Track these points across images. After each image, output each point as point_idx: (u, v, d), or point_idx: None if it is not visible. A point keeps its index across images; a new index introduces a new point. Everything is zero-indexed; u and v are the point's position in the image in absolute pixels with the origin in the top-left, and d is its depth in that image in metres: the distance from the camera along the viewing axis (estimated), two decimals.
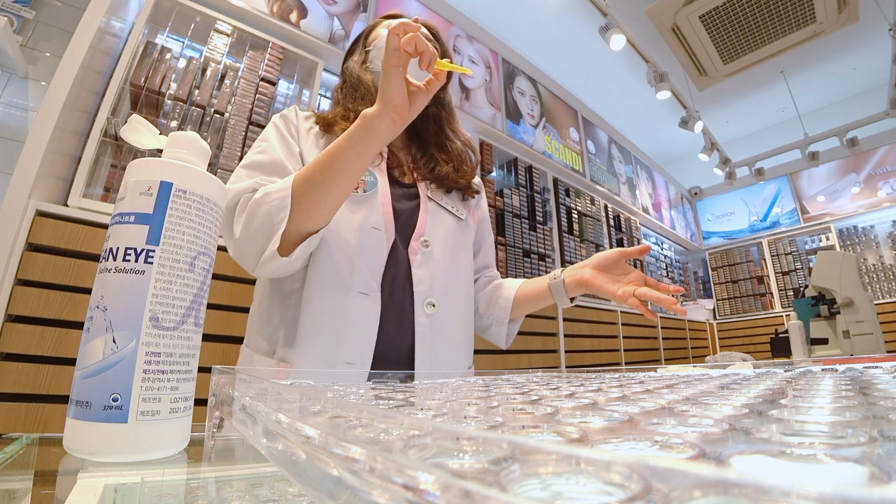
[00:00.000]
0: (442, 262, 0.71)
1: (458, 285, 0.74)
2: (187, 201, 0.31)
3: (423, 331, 0.66)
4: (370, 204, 0.68)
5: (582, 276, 0.71)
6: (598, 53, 3.49)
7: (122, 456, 0.26)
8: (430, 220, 0.73)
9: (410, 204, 0.73)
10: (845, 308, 2.03)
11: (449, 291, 0.71)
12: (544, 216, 3.12)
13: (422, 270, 0.69)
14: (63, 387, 1.10)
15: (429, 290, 0.68)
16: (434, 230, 0.72)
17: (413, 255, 0.69)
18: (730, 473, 0.07)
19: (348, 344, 0.61)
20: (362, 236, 0.65)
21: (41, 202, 1.17)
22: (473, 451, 0.12)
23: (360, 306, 0.63)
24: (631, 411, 0.21)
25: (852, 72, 4.28)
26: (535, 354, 2.48)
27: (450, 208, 0.77)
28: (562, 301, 0.75)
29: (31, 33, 1.59)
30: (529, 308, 0.81)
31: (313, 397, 0.21)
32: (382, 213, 0.68)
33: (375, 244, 0.66)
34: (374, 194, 0.69)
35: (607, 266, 0.71)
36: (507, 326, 0.82)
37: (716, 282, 5.49)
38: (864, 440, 0.13)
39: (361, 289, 0.64)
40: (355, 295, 0.63)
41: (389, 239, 0.67)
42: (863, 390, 0.26)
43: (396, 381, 0.46)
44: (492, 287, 0.86)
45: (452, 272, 0.73)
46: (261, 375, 0.52)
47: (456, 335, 0.72)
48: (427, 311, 0.67)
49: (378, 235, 0.67)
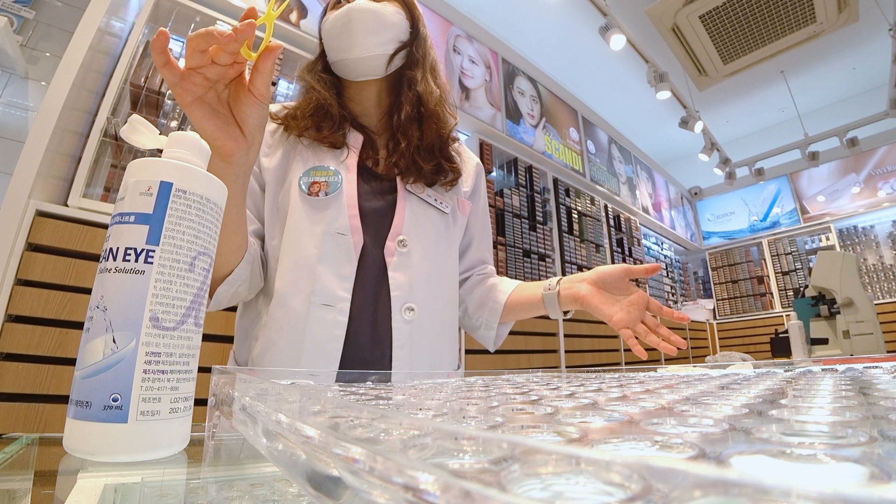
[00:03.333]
0: (422, 263, 0.66)
1: (442, 287, 0.69)
2: (187, 201, 0.31)
3: (400, 337, 0.62)
4: (334, 207, 0.63)
5: (578, 292, 0.65)
6: (598, 53, 3.49)
7: (122, 456, 0.26)
8: (408, 217, 0.66)
9: (385, 200, 0.67)
10: (845, 308, 2.03)
11: (430, 294, 0.66)
12: (544, 216, 3.12)
13: (399, 273, 0.64)
14: (63, 387, 1.10)
15: (407, 295, 0.63)
16: (413, 228, 0.66)
17: (389, 256, 0.64)
18: (730, 473, 0.07)
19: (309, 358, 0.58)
20: (325, 243, 0.61)
21: (41, 202, 1.17)
22: (473, 451, 0.12)
23: (323, 318, 0.59)
24: (631, 411, 0.21)
25: (852, 72, 4.28)
26: (535, 354, 2.48)
27: (432, 201, 0.70)
28: (554, 313, 0.70)
29: (31, 33, 1.59)
30: (521, 315, 0.75)
31: (313, 397, 0.21)
32: (348, 216, 0.63)
33: (342, 251, 0.61)
34: (337, 196, 0.63)
35: (608, 283, 0.64)
36: (496, 330, 0.78)
37: (716, 282, 5.49)
38: (864, 440, 0.13)
39: (324, 300, 0.59)
40: (317, 307, 0.59)
41: (358, 244, 0.62)
42: (863, 390, 0.26)
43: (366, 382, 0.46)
44: (486, 287, 0.79)
45: (435, 273, 0.67)
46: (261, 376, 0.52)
47: (438, 340, 0.67)
48: (406, 317, 0.63)
49: (344, 241, 0.62)
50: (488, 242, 0.86)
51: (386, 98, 0.73)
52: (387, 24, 0.66)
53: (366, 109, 0.74)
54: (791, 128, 4.75)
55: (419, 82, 0.70)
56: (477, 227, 0.82)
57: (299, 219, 0.62)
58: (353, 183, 0.66)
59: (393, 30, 0.67)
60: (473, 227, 0.81)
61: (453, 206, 0.74)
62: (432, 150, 0.71)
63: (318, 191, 0.64)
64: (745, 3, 3.22)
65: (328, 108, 0.68)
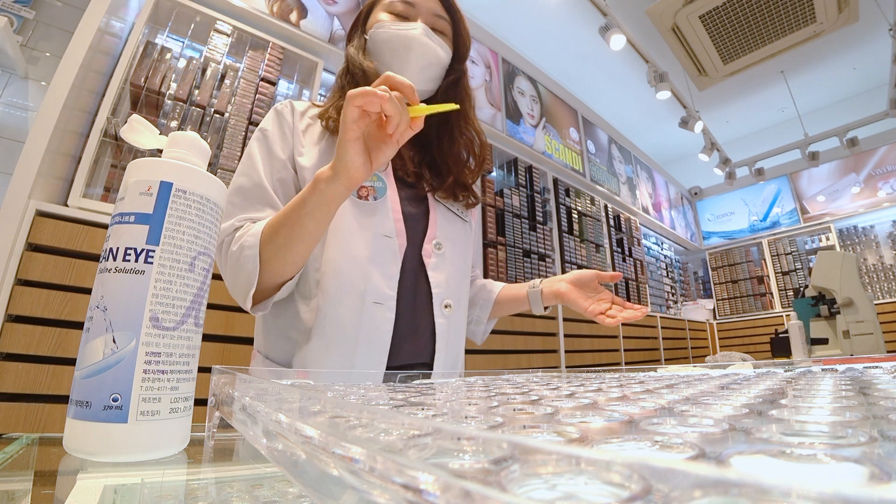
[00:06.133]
0: (454, 264, 0.73)
1: (466, 286, 0.78)
2: (187, 201, 0.31)
3: (442, 332, 0.68)
4: (381, 212, 0.67)
5: (559, 289, 0.78)
6: (598, 53, 3.49)
7: (122, 456, 0.26)
8: (440, 223, 0.73)
9: (420, 207, 0.74)
10: (845, 308, 2.03)
11: (461, 293, 0.74)
12: (544, 216, 3.12)
13: (437, 273, 0.70)
14: (63, 387, 1.10)
15: (445, 292, 0.70)
16: (445, 232, 0.73)
17: (427, 257, 0.70)
18: (730, 473, 0.07)
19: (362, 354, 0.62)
20: (375, 245, 0.65)
21: (41, 202, 1.17)
22: (473, 451, 0.12)
23: (374, 315, 0.63)
24: (631, 411, 0.21)
25: (852, 72, 4.28)
26: (535, 354, 2.48)
27: (455, 210, 0.79)
28: (537, 308, 0.83)
29: (31, 33, 1.59)
30: (506, 311, 0.87)
31: (313, 397, 0.21)
32: (393, 220, 0.68)
33: (389, 252, 0.66)
34: (384, 201, 0.68)
35: (583, 282, 0.78)
36: (484, 325, 0.88)
37: (716, 282, 5.49)
38: (864, 440, 0.13)
39: (375, 298, 0.64)
40: (369, 304, 0.63)
41: (402, 246, 0.67)
42: (863, 390, 0.26)
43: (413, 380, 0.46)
44: (475, 287, 0.90)
45: (463, 274, 0.76)
46: (261, 375, 0.52)
47: (463, 334, 0.76)
48: (445, 313, 0.69)
49: (391, 243, 0.66)
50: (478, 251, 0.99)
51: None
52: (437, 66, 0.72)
53: None
54: (791, 128, 4.75)
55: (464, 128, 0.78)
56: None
57: (348, 221, 0.65)
58: (395, 189, 0.71)
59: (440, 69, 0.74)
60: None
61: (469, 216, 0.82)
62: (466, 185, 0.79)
63: (367, 195, 0.68)
64: (745, 3, 3.21)
65: None
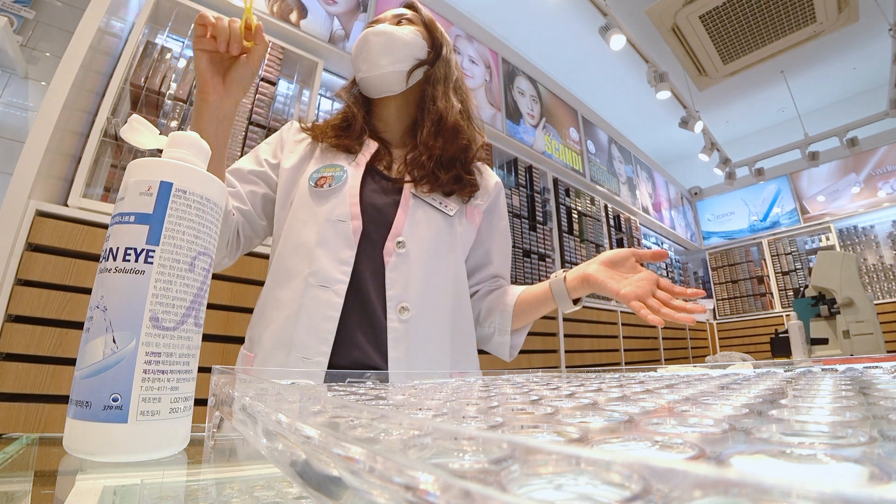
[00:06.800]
0: (419, 265, 0.67)
1: (440, 289, 0.69)
2: (187, 201, 0.31)
3: (396, 336, 0.63)
4: (336, 197, 0.68)
5: (585, 271, 0.67)
6: (598, 53, 3.49)
7: (122, 456, 0.26)
8: (408, 220, 0.68)
9: (389, 199, 0.70)
10: (845, 308, 2.03)
11: (426, 296, 0.67)
12: (544, 216, 3.12)
13: (395, 273, 0.65)
14: (63, 387, 1.10)
15: (402, 294, 0.65)
16: (413, 230, 0.68)
17: (388, 256, 0.66)
18: (730, 473, 0.07)
19: (304, 336, 0.61)
20: (324, 229, 0.65)
21: (41, 202, 1.17)
22: (473, 451, 0.12)
23: (318, 298, 0.62)
24: (631, 411, 0.21)
25: (852, 72, 4.28)
26: (535, 354, 2.48)
27: (436, 204, 0.72)
28: (564, 304, 0.71)
29: (31, 33, 1.59)
30: (533, 313, 0.75)
31: (313, 397, 0.21)
32: (348, 204, 0.67)
33: (340, 236, 0.65)
34: (340, 188, 0.68)
35: (615, 261, 0.66)
36: (510, 336, 0.77)
37: (716, 282, 5.49)
38: (864, 440, 0.13)
39: (321, 282, 0.63)
40: (313, 287, 0.63)
41: (357, 229, 0.65)
42: (863, 390, 0.26)
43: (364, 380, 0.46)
44: (496, 294, 0.80)
45: (432, 275, 0.68)
46: (261, 375, 0.52)
47: (436, 342, 0.67)
48: (401, 317, 0.64)
49: (343, 227, 0.65)
50: (505, 259, 0.85)
51: (407, 114, 0.79)
52: (399, 44, 0.72)
53: (388, 125, 0.80)
54: (791, 128, 4.75)
55: (439, 98, 0.75)
56: (494, 243, 0.83)
57: (302, 207, 0.68)
58: (358, 178, 0.70)
59: (407, 48, 0.73)
60: (490, 242, 0.82)
61: (459, 210, 0.75)
62: (452, 162, 0.74)
63: (324, 183, 0.69)
64: (745, 3, 3.22)
65: (352, 121, 0.76)
